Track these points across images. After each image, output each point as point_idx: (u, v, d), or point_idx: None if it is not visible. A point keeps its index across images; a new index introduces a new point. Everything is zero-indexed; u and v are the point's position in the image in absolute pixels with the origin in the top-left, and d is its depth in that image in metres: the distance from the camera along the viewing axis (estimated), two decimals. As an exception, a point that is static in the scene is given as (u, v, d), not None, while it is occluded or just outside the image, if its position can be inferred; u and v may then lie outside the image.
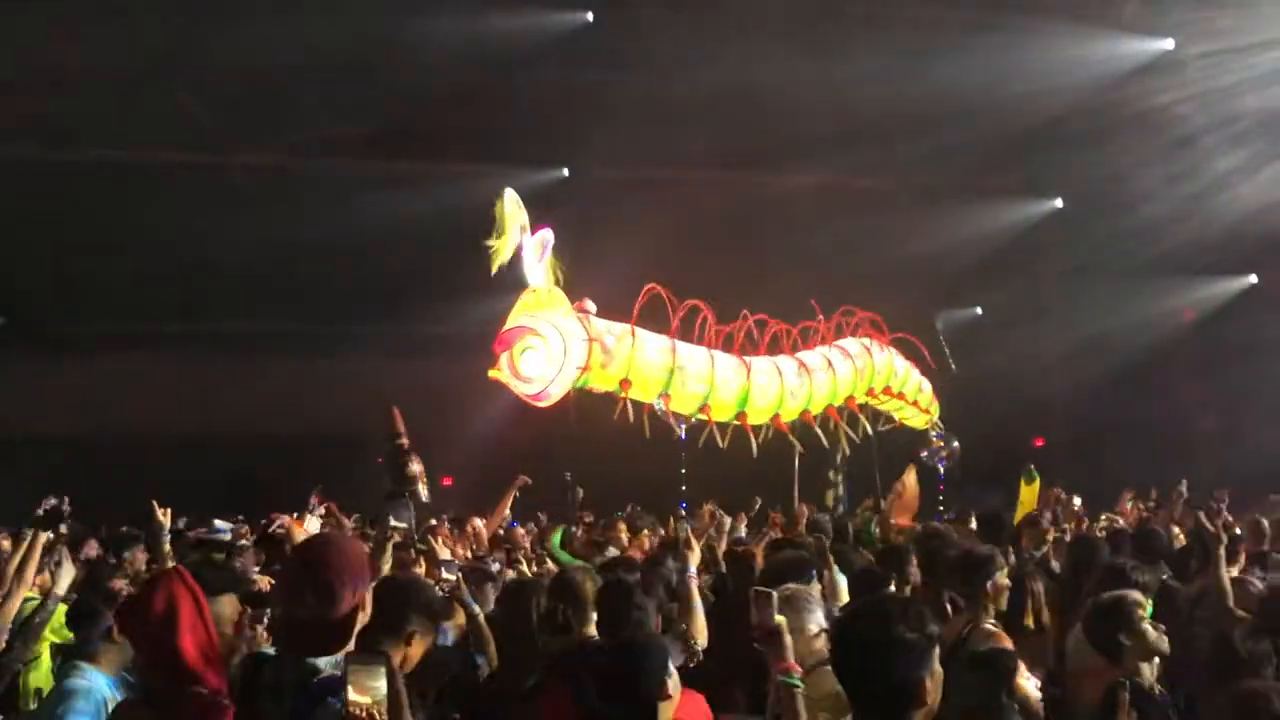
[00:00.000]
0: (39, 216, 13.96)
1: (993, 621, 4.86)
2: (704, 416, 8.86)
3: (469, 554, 8.40)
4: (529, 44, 13.40)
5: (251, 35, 12.29)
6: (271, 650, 2.97)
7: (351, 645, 2.67)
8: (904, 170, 15.48)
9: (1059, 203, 17.24)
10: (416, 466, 8.06)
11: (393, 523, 3.99)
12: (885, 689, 2.57)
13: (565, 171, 15.93)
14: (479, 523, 9.74)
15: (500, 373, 7.74)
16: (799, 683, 3.42)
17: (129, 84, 12.42)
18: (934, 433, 12.73)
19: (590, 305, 8.13)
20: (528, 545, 8.94)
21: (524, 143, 14.81)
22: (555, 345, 7.63)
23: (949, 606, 5.55)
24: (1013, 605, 5.30)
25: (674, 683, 3.41)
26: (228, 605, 2.97)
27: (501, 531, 9.81)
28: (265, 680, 2.52)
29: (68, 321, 15.83)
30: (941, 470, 13.11)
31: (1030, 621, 6.29)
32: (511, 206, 7.73)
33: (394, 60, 13.12)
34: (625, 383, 8.20)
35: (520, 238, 7.73)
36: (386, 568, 3.31)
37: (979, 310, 18.41)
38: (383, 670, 2.33)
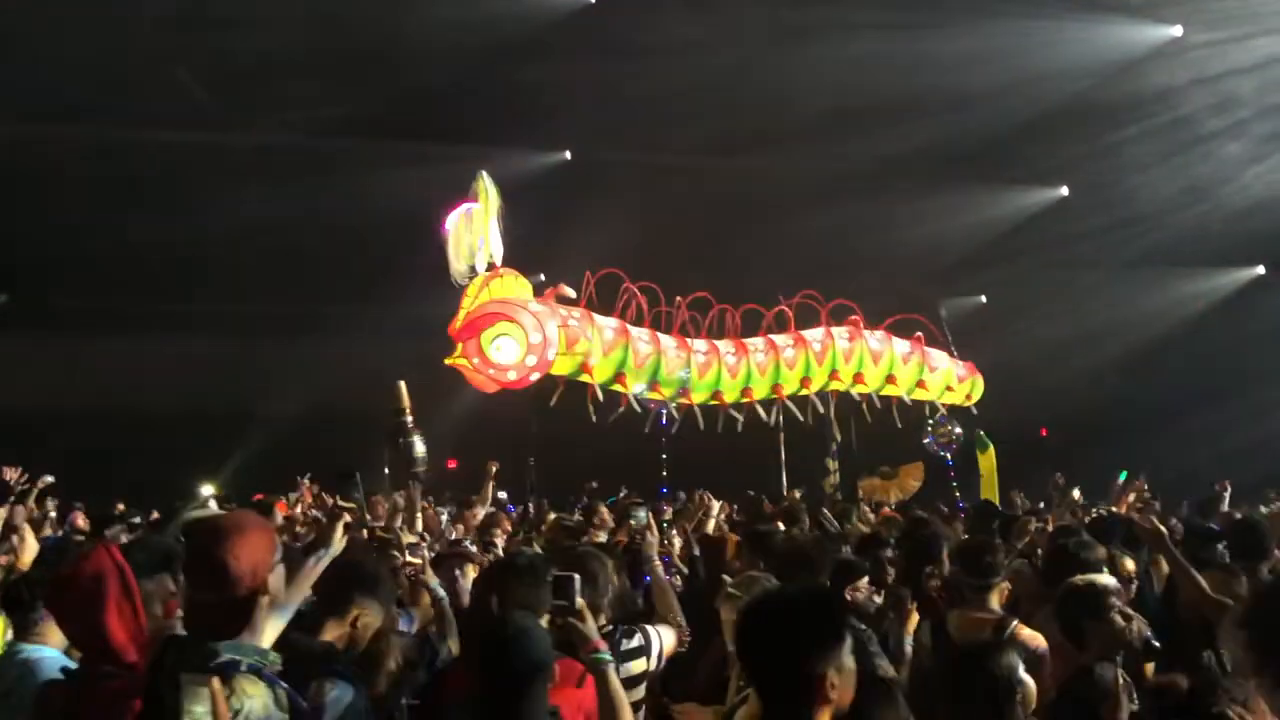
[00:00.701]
0: (37, 193, 13.96)
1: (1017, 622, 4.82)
2: (654, 395, 8.90)
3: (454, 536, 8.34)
4: (532, 26, 13.35)
5: (256, 12, 12.27)
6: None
7: (261, 628, 2.63)
8: (910, 157, 15.35)
9: (1064, 191, 17.09)
10: (422, 446, 7.81)
11: (340, 502, 3.93)
12: (786, 682, 2.48)
13: (567, 154, 15.93)
14: (480, 512, 9.70)
15: (462, 360, 7.69)
16: (608, 657, 3.45)
17: (129, 61, 12.41)
18: (931, 418, 12.63)
19: (569, 291, 8.11)
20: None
21: (526, 125, 14.77)
22: (534, 332, 7.59)
23: (937, 596, 5.49)
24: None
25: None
26: (159, 585, 2.92)
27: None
28: (167, 663, 2.47)
29: (69, 299, 15.86)
30: (948, 457, 13.00)
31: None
32: (489, 188, 7.69)
33: (398, 41, 13.07)
34: (586, 364, 8.23)
35: (494, 220, 7.69)
36: (337, 548, 3.27)
37: (983, 298, 18.27)
38: (206, 692, 2.29)
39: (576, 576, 3.55)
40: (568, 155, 15.97)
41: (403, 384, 7.68)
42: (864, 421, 11.78)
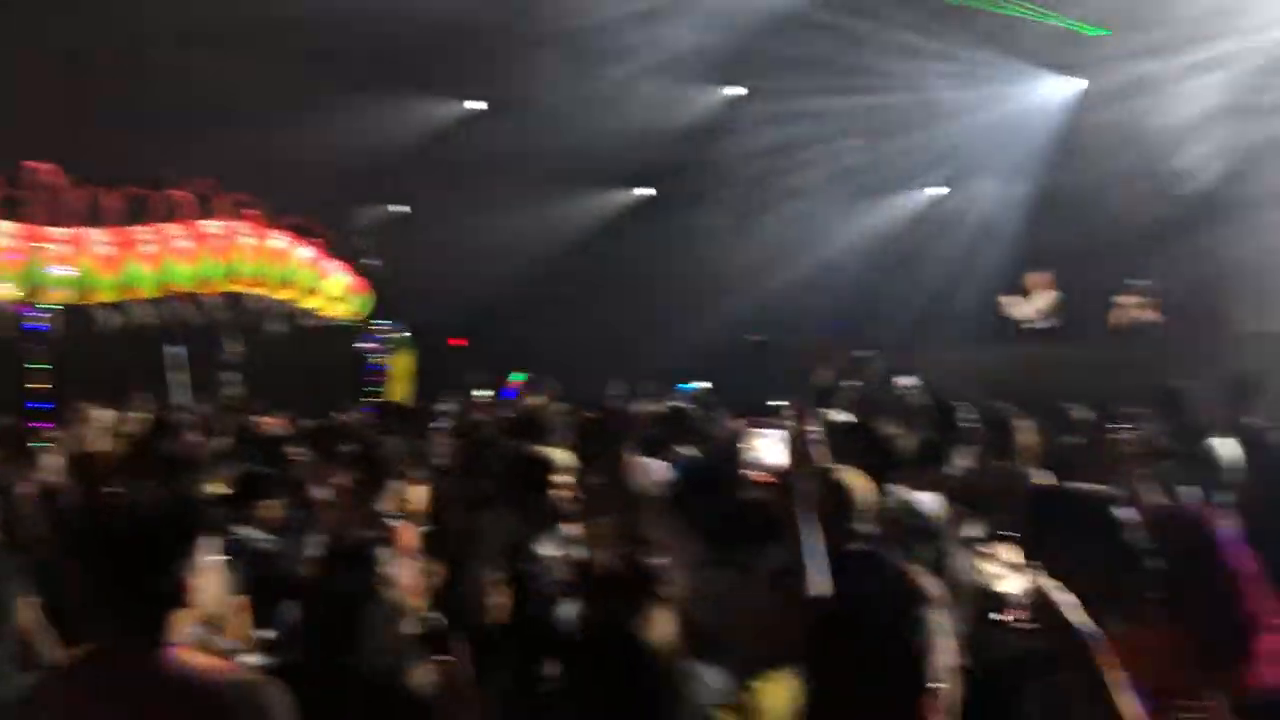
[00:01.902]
0: None
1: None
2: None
3: None
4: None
5: None
6: None
7: None
8: (333, 64, 15.00)
9: (484, 105, 17.75)
10: None
11: None
12: (142, 589, 2.41)
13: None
14: None
15: None
16: None
17: None
18: (374, 322, 12.66)
19: None
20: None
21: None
22: None
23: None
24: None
25: None
26: None
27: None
28: None
29: None
30: (373, 362, 13.09)
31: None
32: None
33: None
34: None
35: None
36: None
37: (408, 209, 18.45)
38: None
39: None
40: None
41: None
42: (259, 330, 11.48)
